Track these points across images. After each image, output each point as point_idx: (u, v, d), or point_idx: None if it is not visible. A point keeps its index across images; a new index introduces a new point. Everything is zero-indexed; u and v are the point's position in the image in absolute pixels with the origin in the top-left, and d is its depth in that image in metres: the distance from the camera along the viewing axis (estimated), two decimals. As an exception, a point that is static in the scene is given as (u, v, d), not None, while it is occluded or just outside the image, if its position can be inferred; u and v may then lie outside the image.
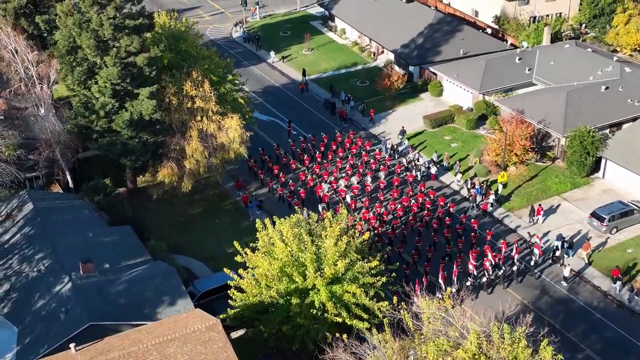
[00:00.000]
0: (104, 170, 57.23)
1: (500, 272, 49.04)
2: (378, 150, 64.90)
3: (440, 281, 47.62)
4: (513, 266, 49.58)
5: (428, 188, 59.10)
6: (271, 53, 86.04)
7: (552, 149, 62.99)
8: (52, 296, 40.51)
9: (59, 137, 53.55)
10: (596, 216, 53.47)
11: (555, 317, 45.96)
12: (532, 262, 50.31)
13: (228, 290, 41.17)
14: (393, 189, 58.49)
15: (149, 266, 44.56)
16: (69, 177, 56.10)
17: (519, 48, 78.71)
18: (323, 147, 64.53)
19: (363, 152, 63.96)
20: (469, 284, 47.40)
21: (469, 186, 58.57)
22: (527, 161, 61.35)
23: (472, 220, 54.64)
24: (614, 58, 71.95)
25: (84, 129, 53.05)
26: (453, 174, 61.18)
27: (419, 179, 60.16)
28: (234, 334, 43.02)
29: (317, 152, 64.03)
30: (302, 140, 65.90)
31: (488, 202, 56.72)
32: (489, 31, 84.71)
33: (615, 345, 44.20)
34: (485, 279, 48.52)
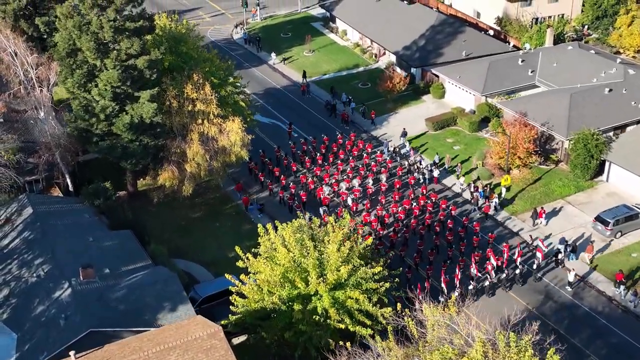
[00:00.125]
0: (104, 173, 56.77)
1: (503, 276, 48.70)
2: (379, 152, 64.47)
3: (442, 285, 47.24)
4: (516, 269, 49.23)
5: (430, 191, 58.69)
6: (272, 55, 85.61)
7: (556, 152, 62.55)
8: (52, 302, 40.15)
9: (59, 140, 53.18)
10: (600, 220, 53.05)
11: (560, 323, 45.57)
12: (535, 266, 49.90)
13: (229, 295, 40.84)
14: (394, 192, 58.08)
15: (150, 271, 44.24)
16: (69, 181, 55.74)
17: (522, 50, 78.31)
18: (324, 149, 64.14)
19: (364, 155, 63.56)
20: (472, 288, 47.10)
21: (472, 189, 58.14)
22: (531, 164, 60.92)
23: (474, 223, 54.23)
24: (617, 60, 71.48)
25: (84, 132, 52.68)
26: (456, 177, 60.78)
27: (422, 182, 59.76)
28: (236, 340, 42.68)
29: (318, 154, 63.63)
30: (303, 142, 65.50)
31: (491, 205, 56.33)
32: (491, 33, 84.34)
33: (620, 351, 43.80)
34: (487, 283, 48.16)
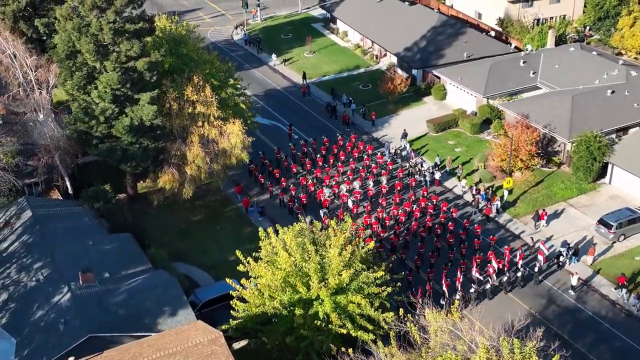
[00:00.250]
0: (104, 175, 56.38)
1: (504, 279, 48.38)
2: (380, 154, 64.10)
3: (444, 288, 46.94)
4: (517, 272, 48.90)
5: (430, 193, 58.39)
6: (272, 56, 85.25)
7: (558, 154, 62.18)
8: (51, 306, 39.83)
9: (58, 143, 52.82)
10: (603, 223, 52.68)
11: (563, 327, 45.23)
12: (536, 269, 49.56)
13: (230, 299, 40.54)
14: (395, 194, 57.72)
15: (150, 275, 43.90)
16: (69, 183, 55.36)
17: (523, 51, 77.95)
18: (324, 151, 63.79)
19: (365, 156, 63.23)
20: (473, 291, 46.78)
21: (474, 192, 57.77)
22: (533, 166, 60.54)
23: (476, 225, 53.92)
24: (620, 61, 71.11)
25: (84, 135, 52.33)
26: (457, 179, 60.43)
27: (423, 184, 59.38)
28: (236, 345, 42.38)
29: (318, 156, 63.27)
30: (303, 143, 65.13)
31: (492, 208, 55.96)
32: (493, 34, 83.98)
33: (624, 355, 43.50)
34: (489, 286, 47.84)
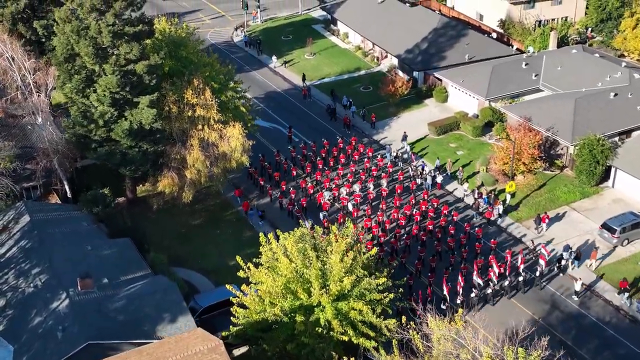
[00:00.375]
0: (103, 179, 55.96)
1: (506, 283, 47.93)
2: (380, 156, 63.64)
3: (445, 293, 46.51)
4: (518, 276, 48.48)
5: (431, 196, 57.92)
6: (273, 57, 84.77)
7: (561, 157, 61.71)
8: (49, 313, 39.43)
9: (57, 147, 52.37)
10: (607, 227, 52.20)
11: (567, 334, 44.74)
12: (538, 273, 49.10)
13: (230, 305, 40.08)
14: (395, 197, 57.26)
15: (149, 281, 43.50)
16: (67, 187, 54.94)
17: (525, 53, 77.47)
18: (324, 153, 63.34)
19: (365, 159, 62.77)
20: (474, 295, 46.34)
21: (476, 196, 57.29)
22: (535, 170, 60.06)
23: (476, 229, 53.43)
24: (622, 63, 70.68)
25: (83, 138, 51.87)
26: (459, 183, 59.96)
27: (424, 187, 58.88)
28: (237, 352, 41.89)
29: (318, 159, 62.83)
30: (303, 146, 64.69)
31: (493, 211, 55.49)
32: (494, 35, 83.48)
33: (628, 362, 43.11)
34: (490, 290, 47.43)
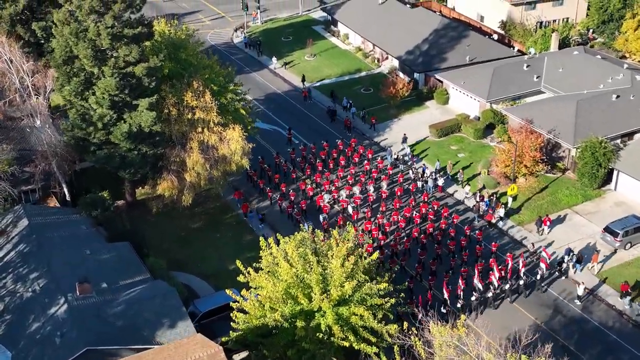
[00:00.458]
0: (102, 181, 55.66)
1: (506, 286, 47.60)
2: (380, 158, 63.28)
3: (445, 297, 46.19)
4: (519, 280, 48.12)
5: (431, 198, 57.53)
6: (273, 59, 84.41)
7: (562, 160, 61.35)
8: (48, 318, 39.08)
9: (56, 149, 52.03)
10: (609, 231, 51.82)
11: (569, 339, 44.38)
12: (538, 276, 48.76)
13: (230, 310, 39.73)
14: (395, 199, 56.91)
15: (148, 285, 43.16)
16: (66, 190, 54.57)
17: (527, 55, 77.09)
18: (324, 155, 62.97)
19: (365, 161, 62.42)
20: (474, 299, 46.02)
21: (478, 199, 56.91)
22: (537, 173, 59.69)
23: (477, 232, 53.09)
24: (624, 65, 70.25)
25: (81, 141, 51.54)
26: (461, 186, 59.59)
27: (423, 190, 58.51)
28: (237, 357, 41.57)
29: (318, 161, 62.46)
30: (302, 148, 64.30)
31: (494, 214, 55.12)
32: (495, 37, 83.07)
33: (631, 367, 42.75)
34: (491, 294, 47.11)
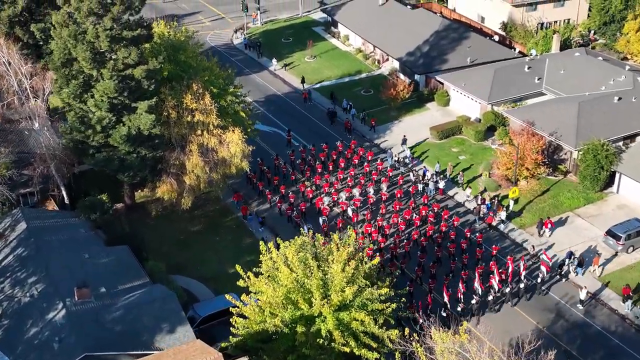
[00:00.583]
0: (101, 184, 55.31)
1: (507, 290, 47.29)
2: (380, 160, 62.89)
3: (445, 300, 45.94)
4: (520, 283, 47.83)
5: (431, 201, 57.21)
6: (273, 60, 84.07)
7: (564, 163, 60.98)
8: (46, 323, 38.78)
9: (54, 152, 51.73)
10: (612, 234, 51.47)
11: (571, 343, 44.05)
12: (539, 279, 48.45)
13: (230, 314, 39.42)
14: (395, 201, 56.54)
15: (147, 290, 42.82)
16: (65, 193, 54.27)
17: (528, 56, 76.74)
18: (324, 157, 62.62)
19: (365, 163, 62.06)
20: (474, 302, 45.71)
21: (479, 202, 56.56)
22: (539, 175, 59.33)
23: (477, 234, 52.76)
24: (626, 67, 69.88)
25: (80, 144, 51.19)
26: (462, 188, 59.25)
27: (423, 192, 58.18)
28: (236, 363, 41.16)
29: (318, 163, 62.14)
30: (302, 150, 63.97)
31: (495, 217, 54.77)
32: (496, 38, 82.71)
33: (634, 373, 42.43)
34: (491, 297, 46.82)
